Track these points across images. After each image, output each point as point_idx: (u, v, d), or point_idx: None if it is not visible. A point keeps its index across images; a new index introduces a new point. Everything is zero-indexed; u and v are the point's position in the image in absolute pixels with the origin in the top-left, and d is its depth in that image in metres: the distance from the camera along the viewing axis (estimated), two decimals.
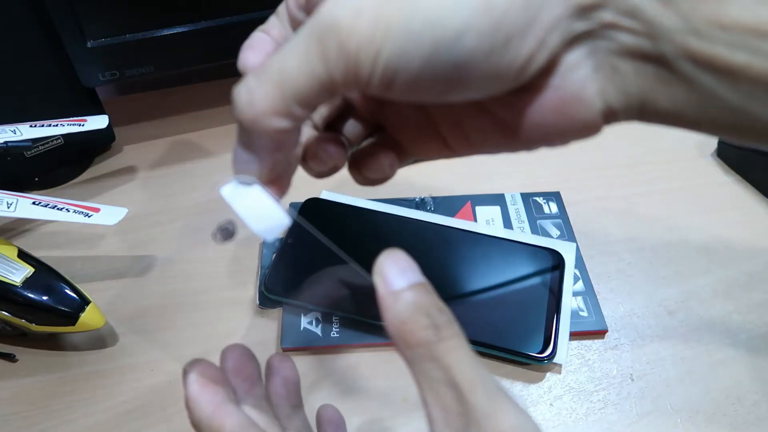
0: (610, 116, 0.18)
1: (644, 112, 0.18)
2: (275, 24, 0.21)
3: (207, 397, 0.22)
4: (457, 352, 0.18)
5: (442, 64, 0.16)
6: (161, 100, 0.54)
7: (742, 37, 0.15)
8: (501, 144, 0.21)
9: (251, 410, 0.24)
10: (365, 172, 0.23)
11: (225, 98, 0.56)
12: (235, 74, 0.20)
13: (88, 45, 0.39)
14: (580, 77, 0.18)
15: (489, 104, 0.20)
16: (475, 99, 0.19)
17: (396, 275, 0.19)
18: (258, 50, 0.21)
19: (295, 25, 0.21)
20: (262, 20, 0.21)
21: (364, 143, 0.24)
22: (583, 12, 0.16)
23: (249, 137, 0.19)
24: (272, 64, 0.18)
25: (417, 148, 0.23)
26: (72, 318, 0.32)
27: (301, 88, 0.17)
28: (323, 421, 0.27)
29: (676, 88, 0.17)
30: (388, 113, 0.24)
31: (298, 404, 0.27)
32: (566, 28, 0.17)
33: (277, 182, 0.21)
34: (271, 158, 0.20)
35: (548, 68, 0.18)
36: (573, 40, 0.17)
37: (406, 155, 0.24)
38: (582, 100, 0.18)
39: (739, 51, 0.15)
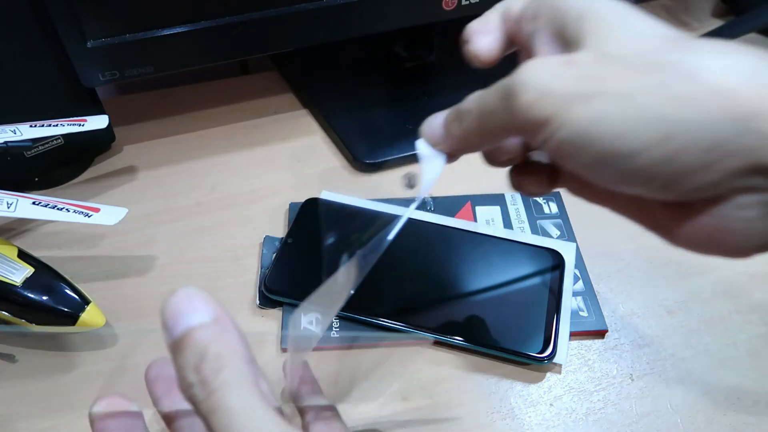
0: (763, 250, 0.19)
1: None
2: (491, 20, 0.24)
3: None
4: (219, 410, 0.16)
5: (607, 167, 0.18)
6: (161, 100, 0.54)
7: None
8: (648, 227, 0.21)
9: (177, 407, 0.25)
10: (525, 181, 0.25)
11: (225, 98, 0.57)
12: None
13: (88, 45, 0.39)
14: (746, 217, 0.18)
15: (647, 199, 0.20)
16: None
17: (170, 326, 0.18)
18: (485, 34, 0.24)
19: (507, 29, 0.24)
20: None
21: (533, 156, 0.25)
22: (763, 172, 0.17)
23: (450, 129, 0.23)
24: (472, 104, 0.21)
25: (572, 185, 0.24)
26: (72, 318, 0.32)
27: (490, 130, 0.21)
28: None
29: None
30: None
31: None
32: (743, 179, 0.17)
33: (453, 158, 0.25)
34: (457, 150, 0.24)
35: (715, 200, 0.18)
36: (747, 189, 0.17)
37: (561, 184, 0.25)
38: (739, 234, 0.18)
39: None
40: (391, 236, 0.25)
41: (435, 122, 0.24)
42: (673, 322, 0.36)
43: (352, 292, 0.24)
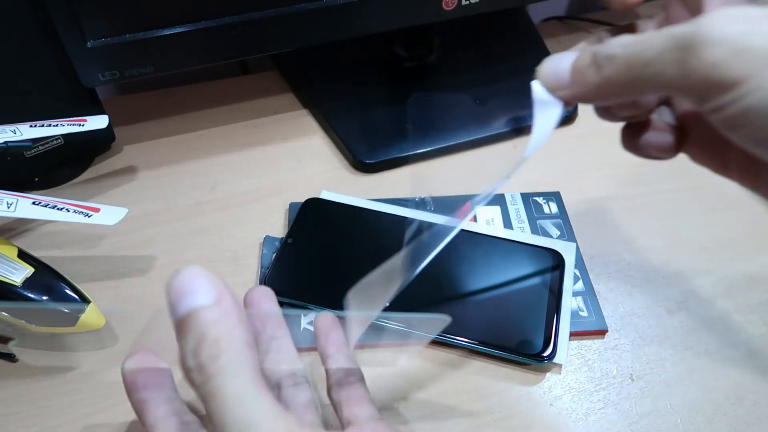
0: None
1: None
2: None
3: (135, 395, 0.24)
4: (215, 396, 0.16)
5: None
6: (161, 100, 0.54)
7: None
8: None
9: None
10: (645, 143, 0.22)
11: (225, 98, 0.56)
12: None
13: (88, 45, 0.39)
14: None
15: None
16: None
17: (174, 306, 0.18)
18: None
19: None
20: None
21: (660, 115, 0.23)
22: None
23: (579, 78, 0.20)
24: (621, 49, 0.18)
25: (699, 153, 0.22)
26: (72, 318, 0.32)
27: (640, 83, 0.17)
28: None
29: None
30: (695, 114, 0.22)
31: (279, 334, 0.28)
32: None
33: (569, 105, 0.21)
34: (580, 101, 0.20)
35: None
36: None
37: (686, 150, 0.22)
38: None
39: None
40: (458, 227, 0.23)
41: (559, 64, 0.20)
42: (673, 322, 0.36)
43: (406, 281, 0.23)
